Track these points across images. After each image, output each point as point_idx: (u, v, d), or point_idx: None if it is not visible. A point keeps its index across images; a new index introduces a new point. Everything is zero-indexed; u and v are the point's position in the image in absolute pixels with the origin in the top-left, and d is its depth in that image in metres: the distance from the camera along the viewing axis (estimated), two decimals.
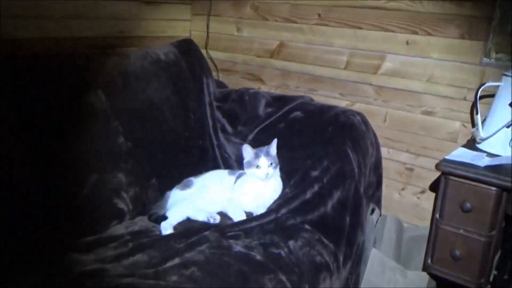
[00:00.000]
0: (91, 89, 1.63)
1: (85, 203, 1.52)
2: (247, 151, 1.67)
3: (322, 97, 2.06)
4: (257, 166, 1.63)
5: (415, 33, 1.78)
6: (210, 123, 1.98)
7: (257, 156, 1.64)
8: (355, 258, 1.62)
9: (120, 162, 1.63)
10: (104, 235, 1.50)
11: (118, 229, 1.56)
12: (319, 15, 2.00)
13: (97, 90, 1.64)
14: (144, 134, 1.73)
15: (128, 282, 1.20)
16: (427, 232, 1.69)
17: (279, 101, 1.95)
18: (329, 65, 2.02)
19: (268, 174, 1.62)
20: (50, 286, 1.19)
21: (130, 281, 1.21)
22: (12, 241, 1.32)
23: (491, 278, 1.48)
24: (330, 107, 1.87)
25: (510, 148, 1.45)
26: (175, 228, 1.55)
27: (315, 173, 1.66)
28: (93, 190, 1.54)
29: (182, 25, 2.34)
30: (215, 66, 2.33)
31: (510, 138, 1.45)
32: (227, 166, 1.94)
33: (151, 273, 1.26)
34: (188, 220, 1.61)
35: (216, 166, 1.94)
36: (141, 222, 1.62)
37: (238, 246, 1.41)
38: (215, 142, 1.97)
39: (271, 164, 1.63)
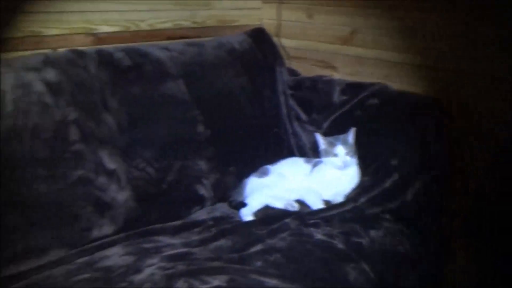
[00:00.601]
0: (171, 79, 1.70)
1: (170, 189, 1.59)
2: (321, 140, 1.67)
3: (398, 84, 2.00)
4: (334, 155, 1.63)
5: None
6: (285, 111, 1.99)
7: (333, 144, 1.64)
8: (439, 247, 1.58)
9: (201, 150, 1.69)
10: (188, 220, 1.57)
11: (200, 214, 1.62)
12: None
13: (177, 80, 1.70)
14: (222, 122, 1.78)
15: (215, 266, 1.25)
16: None
17: (354, 88, 1.92)
18: (406, 51, 1.96)
19: (345, 162, 1.62)
20: (142, 267, 1.25)
21: (217, 264, 1.26)
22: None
23: None
24: (408, 94, 1.82)
25: None
26: (255, 214, 1.58)
27: (394, 162, 1.62)
28: (177, 177, 1.61)
29: (253, 14, 2.35)
30: (287, 54, 2.33)
31: None
32: (302, 154, 1.94)
33: (236, 258, 1.29)
34: (267, 207, 1.64)
35: (291, 154, 1.95)
36: (221, 208, 1.67)
37: (319, 234, 1.42)
38: (289, 130, 1.98)
39: (348, 152, 1.62)
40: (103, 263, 1.30)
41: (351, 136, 1.65)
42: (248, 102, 1.87)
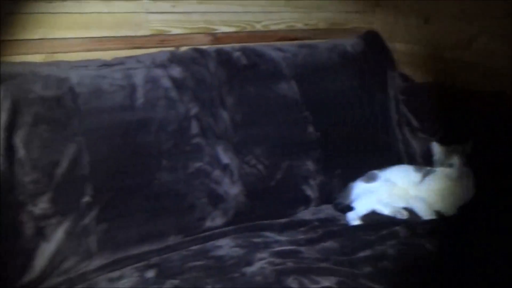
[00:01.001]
0: (285, 80, 1.73)
1: (278, 187, 1.63)
2: (437, 149, 1.62)
3: None
4: (450, 165, 1.56)
5: None
6: (395, 117, 1.95)
7: (450, 154, 1.58)
8: None
9: (310, 151, 1.71)
10: (294, 219, 1.59)
11: (305, 214, 1.64)
12: None
13: (290, 81, 1.74)
14: (331, 125, 1.78)
15: (325, 267, 1.25)
16: None
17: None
18: None
19: (461, 174, 1.55)
20: (253, 260, 1.30)
21: (327, 266, 1.26)
22: None
23: None
24: None
25: None
26: (362, 219, 1.56)
27: None
28: (285, 175, 1.64)
29: (366, 17, 2.32)
30: (399, 58, 2.27)
31: None
32: (412, 161, 1.88)
33: (345, 261, 1.29)
34: (374, 213, 1.61)
35: (399, 161, 1.89)
36: (327, 210, 1.67)
37: (430, 245, 1.37)
38: (399, 137, 1.93)
39: (465, 164, 1.55)
40: (216, 252, 1.36)
41: (467, 147, 1.58)
42: (358, 105, 1.86)
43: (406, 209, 1.61)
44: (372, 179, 1.71)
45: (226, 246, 1.39)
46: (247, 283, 1.20)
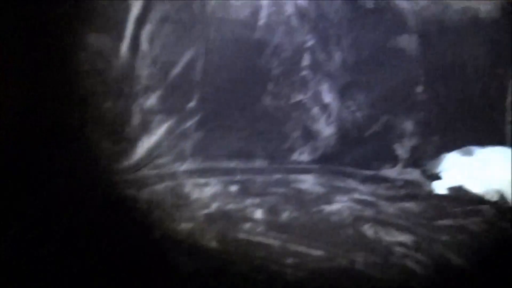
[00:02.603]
0: (407, 32, 1.66)
1: (370, 139, 1.62)
2: None
3: None
4: None
5: None
6: (510, 98, 1.83)
7: None
8: None
9: (412, 110, 1.66)
10: (379, 174, 1.59)
11: (391, 172, 1.62)
12: None
13: (412, 35, 1.67)
14: (442, 89, 1.70)
15: (403, 224, 1.26)
16: None
17: None
18: None
19: None
20: (332, 200, 1.33)
21: (405, 223, 1.27)
22: None
23: None
24: None
25: None
26: (449, 190, 1.53)
27: None
28: (381, 129, 1.63)
29: None
30: None
31: None
32: None
33: (424, 224, 1.28)
34: (462, 188, 1.57)
35: (502, 144, 1.79)
36: (413, 173, 1.64)
37: None
38: (509, 119, 1.82)
39: None
40: (298, 185, 1.41)
41: None
42: (477, 77, 1.75)
43: (497, 191, 1.56)
44: (468, 153, 1.65)
45: (308, 182, 1.43)
46: (323, 220, 1.24)
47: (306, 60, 1.49)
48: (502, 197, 1.54)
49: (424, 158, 1.71)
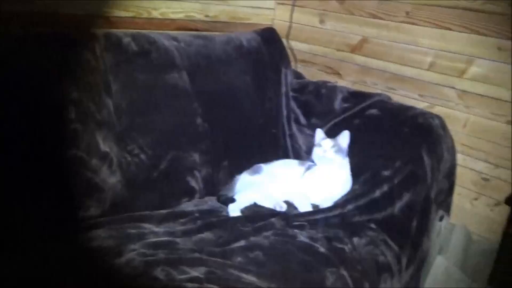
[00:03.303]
0: (176, 69, 1.71)
1: (161, 178, 1.60)
2: (318, 134, 1.72)
3: (401, 96, 2.01)
4: (319, 145, 1.66)
5: (509, 38, 1.70)
6: (285, 112, 2.01)
7: (323, 138, 1.69)
8: (418, 263, 1.59)
9: (196, 142, 1.71)
10: (176, 210, 1.58)
11: (188, 206, 1.64)
12: (407, 13, 1.94)
13: (181, 71, 1.72)
14: (220, 117, 1.79)
15: (196, 257, 1.26)
16: (496, 246, 1.63)
17: (356, 97, 1.94)
18: (412, 65, 1.96)
19: (326, 153, 1.64)
20: (123, 251, 1.27)
21: (198, 256, 1.27)
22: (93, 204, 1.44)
23: None
24: (408, 108, 1.83)
25: None
26: (242, 211, 1.60)
27: (386, 173, 1.64)
28: (169, 166, 1.62)
29: (266, 14, 2.36)
30: (294, 56, 2.34)
31: None
32: (297, 156, 1.96)
33: (218, 252, 1.31)
34: (255, 205, 1.66)
35: (286, 156, 1.96)
36: (210, 201, 1.68)
37: (302, 236, 1.43)
38: (287, 132, 1.99)
39: (333, 146, 1.64)
40: (89, 243, 1.31)
41: (341, 136, 1.68)
42: (249, 100, 1.89)
43: (286, 202, 1.68)
44: (256, 172, 1.76)
45: (99, 237, 1.35)
46: (116, 274, 1.18)
47: (72, 113, 1.41)
48: (291, 206, 1.66)
49: (219, 185, 1.77)
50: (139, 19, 1.91)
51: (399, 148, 1.70)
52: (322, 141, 1.67)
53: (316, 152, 1.68)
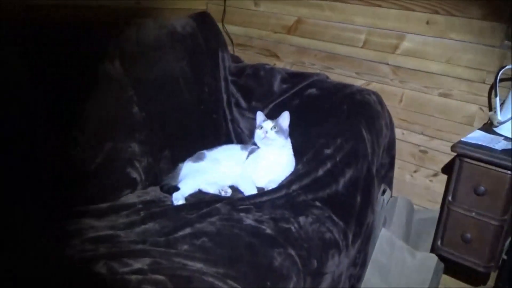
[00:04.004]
0: (108, 58, 1.63)
1: (99, 171, 1.53)
2: (259, 117, 1.71)
3: (338, 75, 2.04)
4: (260, 127, 1.66)
5: (436, 12, 1.75)
6: (225, 97, 1.98)
7: (264, 120, 1.68)
8: (364, 237, 1.62)
9: (134, 132, 1.64)
10: (117, 203, 1.52)
11: (130, 198, 1.58)
12: None
13: (114, 60, 1.65)
14: (158, 105, 1.73)
15: (139, 249, 1.22)
16: (437, 214, 1.69)
17: (294, 77, 1.94)
18: (347, 43, 1.99)
19: (267, 134, 1.64)
20: (63, 250, 1.21)
21: (142, 247, 1.23)
22: (24, 203, 1.34)
23: (500, 263, 1.48)
24: (346, 86, 1.86)
25: None
26: (186, 199, 1.56)
27: (328, 151, 1.65)
28: (107, 159, 1.55)
29: None
30: (231, 40, 2.31)
31: None
32: (240, 141, 1.94)
33: (162, 241, 1.27)
34: (200, 192, 1.63)
35: (228, 141, 1.94)
36: (153, 192, 1.64)
37: (248, 220, 1.42)
38: (228, 117, 1.97)
39: (274, 127, 1.64)
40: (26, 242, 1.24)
41: (281, 117, 1.68)
42: (187, 86, 1.84)
43: (231, 187, 1.66)
44: (199, 159, 1.72)
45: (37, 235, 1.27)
46: (55, 272, 1.11)
47: None
48: (236, 191, 1.65)
49: (162, 174, 1.72)
50: (65, 7, 1.80)
51: (339, 126, 1.72)
52: (263, 123, 1.66)
53: (257, 134, 1.67)
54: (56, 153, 1.42)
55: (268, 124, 1.65)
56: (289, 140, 1.70)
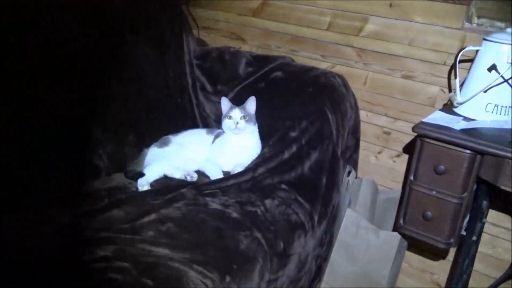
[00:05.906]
0: (69, 41, 1.58)
1: (60, 158, 1.50)
2: (224, 104, 1.69)
3: (303, 58, 2.04)
4: (229, 117, 1.64)
5: None
6: (190, 81, 1.95)
7: (232, 108, 1.66)
8: (330, 218, 1.65)
9: (96, 117, 1.60)
10: (80, 191, 1.49)
11: (94, 185, 1.55)
12: None
13: (74, 42, 1.59)
14: (121, 90, 1.70)
15: (103, 236, 1.20)
16: (399, 194, 1.73)
17: (260, 61, 1.93)
18: (312, 25, 1.99)
19: (238, 125, 1.63)
20: (23, 239, 1.18)
21: (106, 235, 1.21)
22: None
23: (459, 239, 1.53)
24: (311, 69, 1.86)
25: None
26: (151, 185, 1.55)
27: (293, 134, 1.66)
28: (68, 146, 1.51)
29: None
30: (196, 23, 2.28)
31: (486, 103, 1.47)
32: (206, 125, 1.93)
33: (127, 228, 1.26)
34: (165, 177, 1.61)
35: (194, 125, 1.92)
36: (118, 178, 1.61)
37: (214, 204, 1.42)
38: (194, 101, 1.94)
39: (243, 117, 1.64)
40: None
41: (248, 103, 1.67)
42: (150, 70, 1.80)
43: (197, 172, 1.65)
44: (165, 143, 1.70)
45: None
46: (13, 264, 1.09)
47: None
48: (202, 175, 1.64)
49: (126, 160, 1.69)
50: None
51: (304, 108, 1.73)
52: (231, 113, 1.64)
53: (227, 124, 1.65)
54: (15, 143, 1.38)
55: (237, 113, 1.63)
56: (256, 125, 1.70)
